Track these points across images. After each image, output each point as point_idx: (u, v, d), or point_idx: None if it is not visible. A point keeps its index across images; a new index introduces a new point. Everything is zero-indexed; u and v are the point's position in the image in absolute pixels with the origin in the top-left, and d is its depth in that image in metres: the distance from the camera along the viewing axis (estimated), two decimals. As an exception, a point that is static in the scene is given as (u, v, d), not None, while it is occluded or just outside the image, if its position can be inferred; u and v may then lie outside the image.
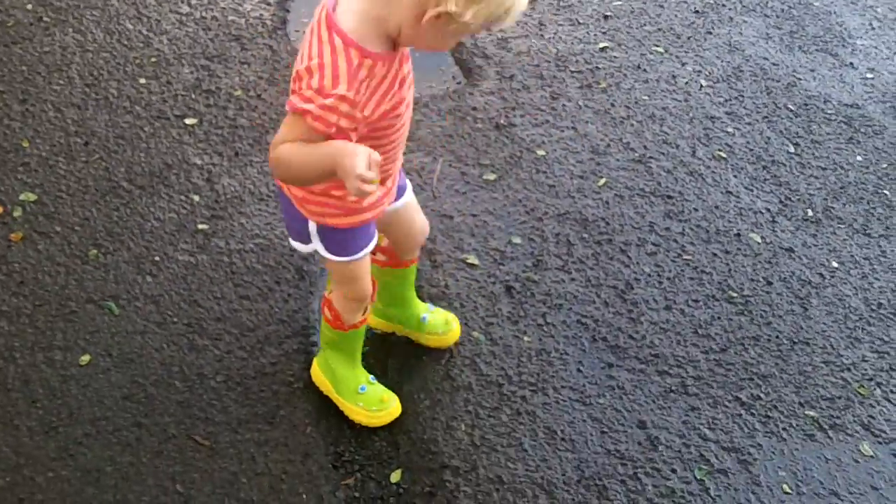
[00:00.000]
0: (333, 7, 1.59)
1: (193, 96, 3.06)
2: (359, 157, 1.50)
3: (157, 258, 2.53)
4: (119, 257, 2.52)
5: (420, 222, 2.13)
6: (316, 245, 1.92)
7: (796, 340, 2.50)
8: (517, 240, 2.68)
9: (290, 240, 2.01)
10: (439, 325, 2.33)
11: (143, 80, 3.10)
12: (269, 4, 3.46)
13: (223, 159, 2.85)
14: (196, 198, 2.71)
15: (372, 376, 2.19)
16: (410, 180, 2.59)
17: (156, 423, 2.15)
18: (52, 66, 3.13)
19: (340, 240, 1.91)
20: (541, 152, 2.99)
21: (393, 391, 2.20)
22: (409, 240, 2.15)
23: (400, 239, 2.14)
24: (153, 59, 3.19)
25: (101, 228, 2.61)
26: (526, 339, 2.41)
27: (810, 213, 2.89)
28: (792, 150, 3.13)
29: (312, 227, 1.89)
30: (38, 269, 2.47)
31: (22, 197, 2.68)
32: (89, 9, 3.38)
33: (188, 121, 2.97)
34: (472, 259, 2.61)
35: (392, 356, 2.35)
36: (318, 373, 2.22)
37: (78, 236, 2.57)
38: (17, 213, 2.64)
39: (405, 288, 2.29)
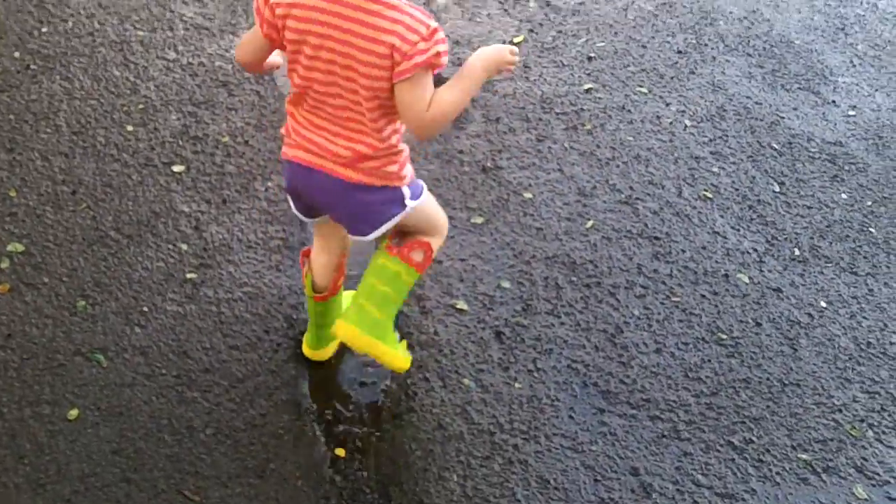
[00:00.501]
0: None
1: (181, 143, 3.06)
2: (498, 47, 1.91)
3: (145, 308, 2.52)
4: (107, 308, 2.51)
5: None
6: (409, 207, 2.01)
7: (787, 382, 2.50)
8: (506, 284, 2.69)
9: (365, 237, 2.03)
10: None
11: (130, 128, 3.10)
12: (255, 50, 3.47)
13: (211, 206, 2.84)
14: (184, 246, 2.71)
15: None
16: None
17: (145, 478, 2.13)
18: (39, 114, 3.13)
19: (414, 184, 2.05)
20: (528, 195, 3.00)
21: (384, 441, 2.19)
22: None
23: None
24: (140, 106, 3.19)
25: (89, 279, 2.60)
26: (517, 385, 2.41)
27: (797, 252, 2.91)
28: (777, 189, 3.15)
29: (406, 191, 2.00)
30: (25, 321, 2.46)
31: (9, 248, 2.67)
32: (77, 56, 3.38)
33: (176, 168, 2.97)
34: (462, 304, 2.61)
35: (383, 405, 2.34)
36: (358, 334, 2.05)
37: (66, 287, 2.56)
38: (5, 264, 2.62)
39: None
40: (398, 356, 2.11)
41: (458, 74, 1.86)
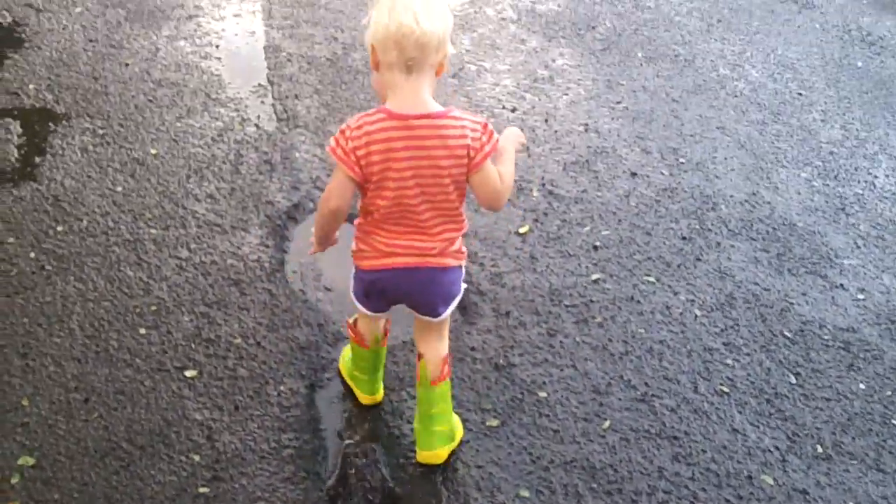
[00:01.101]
0: (425, 112, 2.23)
1: (193, 346, 3.06)
2: (513, 130, 2.53)
3: (157, 527, 2.46)
4: (118, 528, 2.46)
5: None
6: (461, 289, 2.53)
7: None
8: (525, 493, 2.64)
9: (438, 317, 2.53)
10: None
11: (143, 331, 3.11)
12: (266, 247, 3.52)
13: (223, 414, 2.82)
14: (196, 458, 2.67)
15: None
16: (410, 427, 2.60)
17: None
18: (52, 316, 3.14)
19: None
20: (542, 394, 2.98)
21: None
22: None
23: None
24: (153, 308, 3.20)
25: (100, 495, 2.55)
26: None
27: (820, 449, 2.87)
28: (793, 380, 3.14)
29: (462, 270, 2.51)
30: (34, 543, 2.40)
31: (20, 461, 2.63)
32: (91, 256, 3.41)
33: (188, 373, 2.96)
34: (481, 515, 2.56)
35: None
36: (444, 454, 2.70)
37: (76, 504, 2.52)
38: (15, 479, 2.59)
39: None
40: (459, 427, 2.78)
41: (503, 154, 2.40)
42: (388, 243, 2.36)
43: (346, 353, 2.99)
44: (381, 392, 2.91)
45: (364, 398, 2.89)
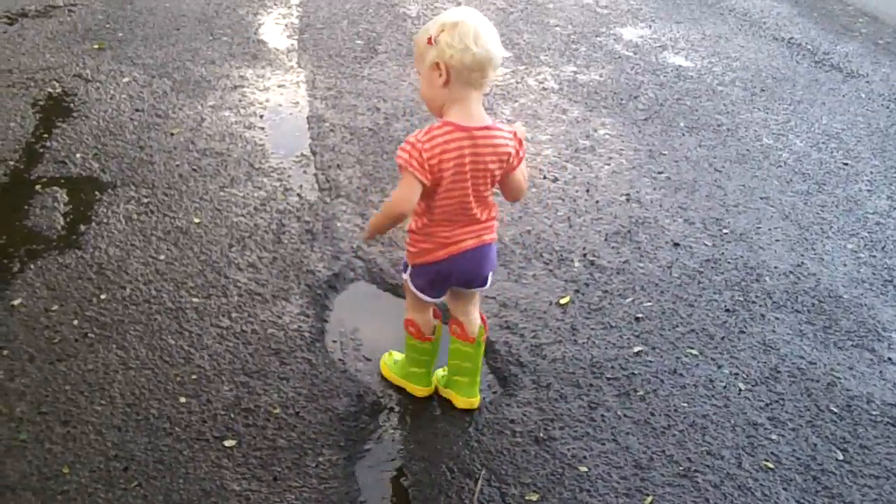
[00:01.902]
0: (482, 125, 2.65)
1: (232, 416, 3.06)
2: (518, 127, 2.83)
3: None
4: None
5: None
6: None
7: None
8: (565, 571, 2.58)
9: (484, 286, 2.99)
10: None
11: (183, 399, 3.12)
12: (307, 316, 3.53)
13: (262, 485, 2.81)
14: (233, 529, 2.65)
15: None
16: (449, 502, 2.56)
17: None
18: (94, 384, 3.16)
19: None
20: (583, 468, 2.93)
21: None
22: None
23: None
24: (193, 377, 3.22)
25: (136, 566, 2.54)
26: None
27: (868, 529, 2.79)
28: (840, 456, 3.06)
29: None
30: None
31: (58, 532, 2.64)
32: (133, 324, 3.45)
33: (227, 443, 2.96)
34: None
35: None
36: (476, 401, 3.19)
37: (112, 577, 2.50)
38: (53, 550, 2.58)
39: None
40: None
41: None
42: (449, 235, 2.77)
43: (387, 360, 3.30)
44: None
45: (421, 391, 3.19)
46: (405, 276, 2.99)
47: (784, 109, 5.69)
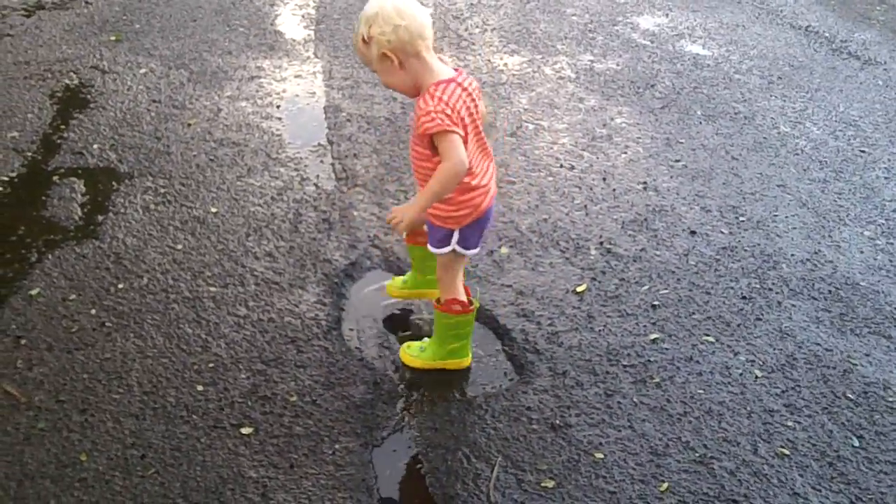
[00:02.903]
0: (455, 73, 2.81)
1: (249, 403, 3.08)
2: None
3: (210, 586, 2.46)
4: (172, 586, 2.46)
5: None
6: None
7: None
8: (581, 556, 2.59)
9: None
10: None
11: (200, 387, 3.14)
12: (324, 304, 3.54)
13: (279, 472, 2.83)
14: (251, 516, 2.67)
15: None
16: (465, 489, 2.56)
17: None
18: (112, 373, 3.19)
19: None
20: (599, 455, 2.94)
21: None
22: None
23: None
24: (211, 365, 3.23)
25: (155, 552, 2.56)
26: None
27: (884, 516, 2.78)
28: (857, 443, 3.05)
29: None
30: None
31: (77, 518, 2.66)
32: (150, 313, 3.47)
33: (244, 430, 2.97)
34: (535, 579, 2.52)
35: None
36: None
37: (131, 563, 2.52)
38: (72, 537, 2.61)
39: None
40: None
41: None
42: (487, 181, 2.93)
43: (411, 351, 3.29)
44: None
45: (467, 361, 3.28)
46: (448, 248, 3.00)
47: (801, 97, 5.65)
